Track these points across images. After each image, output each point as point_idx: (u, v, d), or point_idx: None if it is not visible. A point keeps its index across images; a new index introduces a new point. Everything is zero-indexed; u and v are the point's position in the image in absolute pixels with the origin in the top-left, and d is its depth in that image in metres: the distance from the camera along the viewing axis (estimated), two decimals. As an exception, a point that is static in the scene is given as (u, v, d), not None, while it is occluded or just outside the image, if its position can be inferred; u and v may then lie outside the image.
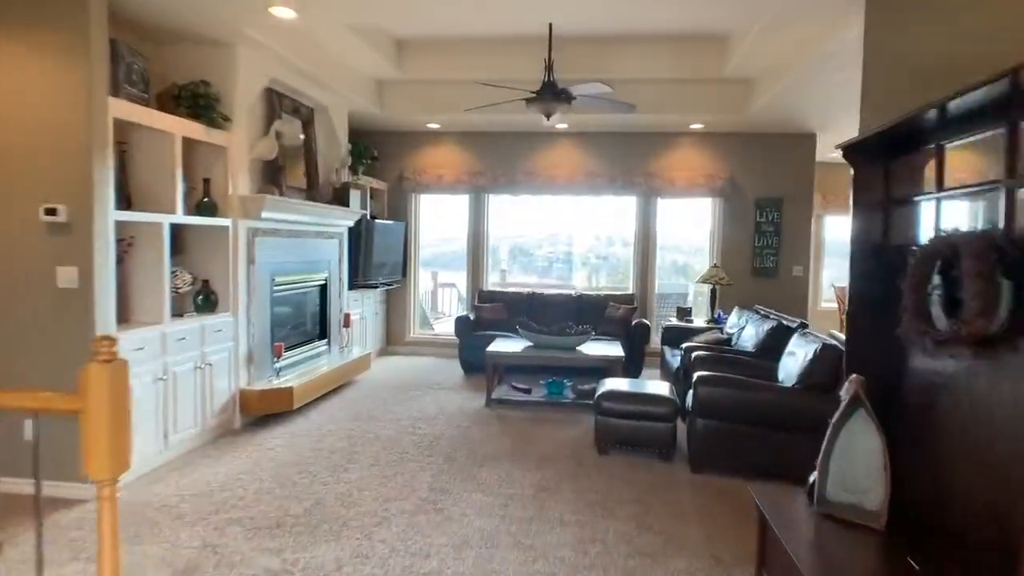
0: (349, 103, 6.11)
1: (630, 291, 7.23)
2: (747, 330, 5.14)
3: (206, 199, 4.27)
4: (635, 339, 6.24)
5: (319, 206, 5.40)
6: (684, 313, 6.57)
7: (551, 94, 4.82)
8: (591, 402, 4.27)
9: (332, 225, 5.88)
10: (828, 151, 7.64)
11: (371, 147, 7.14)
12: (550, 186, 7.15)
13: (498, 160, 7.26)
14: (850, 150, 2.32)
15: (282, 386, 4.62)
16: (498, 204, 7.83)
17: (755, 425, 3.58)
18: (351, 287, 6.49)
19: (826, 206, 8.77)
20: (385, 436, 4.37)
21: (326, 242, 5.84)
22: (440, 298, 11.81)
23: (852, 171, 2.34)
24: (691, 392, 3.76)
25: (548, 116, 4.97)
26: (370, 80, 6.20)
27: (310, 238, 5.53)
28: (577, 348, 5.32)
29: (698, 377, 3.68)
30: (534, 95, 4.84)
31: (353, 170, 6.42)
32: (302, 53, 4.87)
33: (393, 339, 7.62)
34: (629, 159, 7.07)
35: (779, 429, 3.54)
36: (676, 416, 3.93)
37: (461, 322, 6.55)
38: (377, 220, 7.11)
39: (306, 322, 5.68)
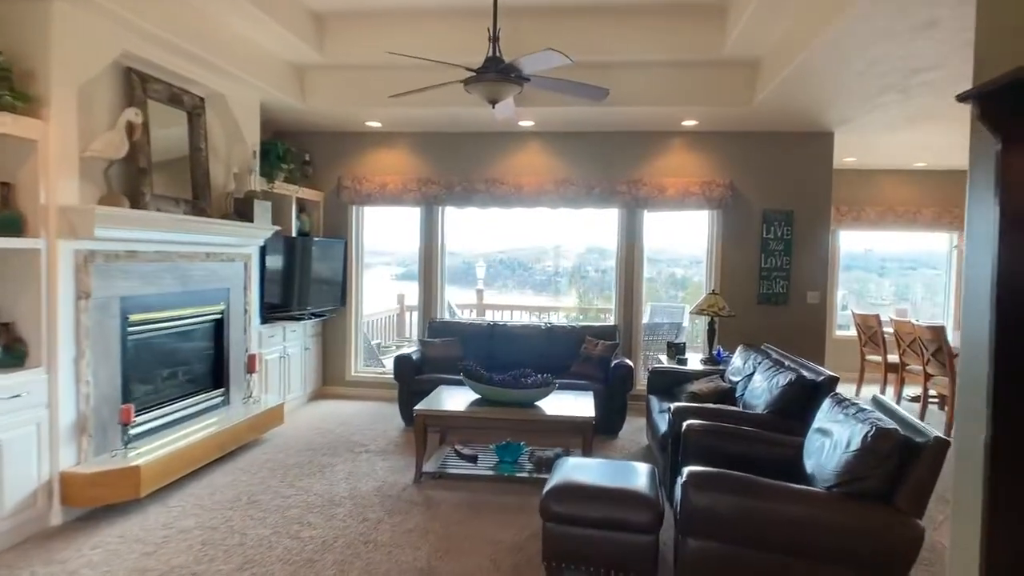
0: (259, 94, 4.95)
1: (611, 323, 6.02)
2: (756, 381, 3.93)
3: (4, 211, 3.08)
4: (615, 384, 5.02)
5: (202, 221, 4.20)
6: (676, 351, 5.36)
7: (496, 72, 3.66)
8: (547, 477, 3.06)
9: (232, 245, 4.68)
10: (845, 154, 6.49)
11: (299, 150, 6.01)
12: (516, 197, 5.97)
13: (453, 165, 6.09)
14: (994, 100, 1.13)
15: (125, 465, 3.39)
16: (463, 216, 6.68)
17: (773, 551, 2.35)
18: (266, 320, 5.28)
19: (840, 219, 7.63)
20: (254, 539, 3.13)
21: (223, 266, 4.64)
22: (408, 322, 10.62)
23: (999, 143, 1.15)
24: (679, 491, 2.53)
25: (494, 103, 3.81)
26: (285, 65, 5.04)
27: (196, 262, 4.34)
28: (536, 403, 4.10)
29: (689, 476, 2.45)
30: (474, 74, 3.68)
31: (267, 176, 5.24)
32: (172, 22, 3.70)
33: (331, 378, 6.40)
34: (610, 164, 5.90)
35: (809, 557, 2.32)
36: (659, 524, 2.70)
37: (402, 363, 5.31)
38: (309, 237, 5.94)
39: (190, 369, 4.45)
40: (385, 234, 6.42)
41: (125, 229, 3.56)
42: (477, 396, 4.23)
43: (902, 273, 9.61)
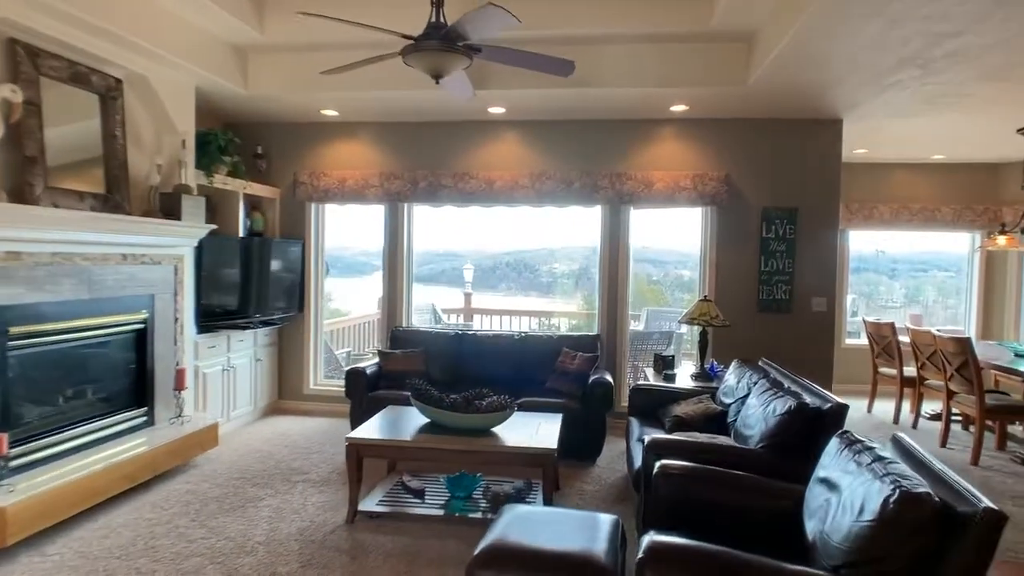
0: (192, 77, 4.40)
1: (594, 332, 5.42)
2: (751, 405, 3.32)
3: None
4: (593, 403, 4.42)
5: (112, 218, 3.65)
6: (664, 364, 4.75)
7: (439, 40, 3.10)
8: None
9: (156, 245, 4.13)
10: (855, 145, 5.88)
11: (252, 142, 5.49)
12: (487, 193, 5.39)
13: (418, 159, 5.52)
14: None
15: (-12, 507, 2.84)
16: (447, 214, 6.16)
17: (762, 651, 1.76)
18: (206, 329, 4.74)
19: (849, 218, 7.00)
20: (129, 605, 2.57)
21: (146, 270, 4.09)
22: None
23: None
24: (634, 572, 1.94)
25: (438, 77, 3.25)
26: (223, 46, 4.49)
27: (109, 265, 3.79)
28: (492, 429, 3.52)
29: (648, 553, 1.85)
30: (412, 42, 3.12)
31: (206, 170, 4.69)
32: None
33: (288, 392, 5.84)
34: (591, 156, 5.31)
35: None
36: (614, 599, 2.11)
37: (354, 377, 4.75)
38: (261, 238, 5.40)
39: (104, 386, 3.91)
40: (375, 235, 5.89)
41: (6, 227, 3.01)
42: (425, 421, 3.66)
43: (912, 275, 9.01)
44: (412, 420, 3.72)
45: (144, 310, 4.10)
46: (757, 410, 3.14)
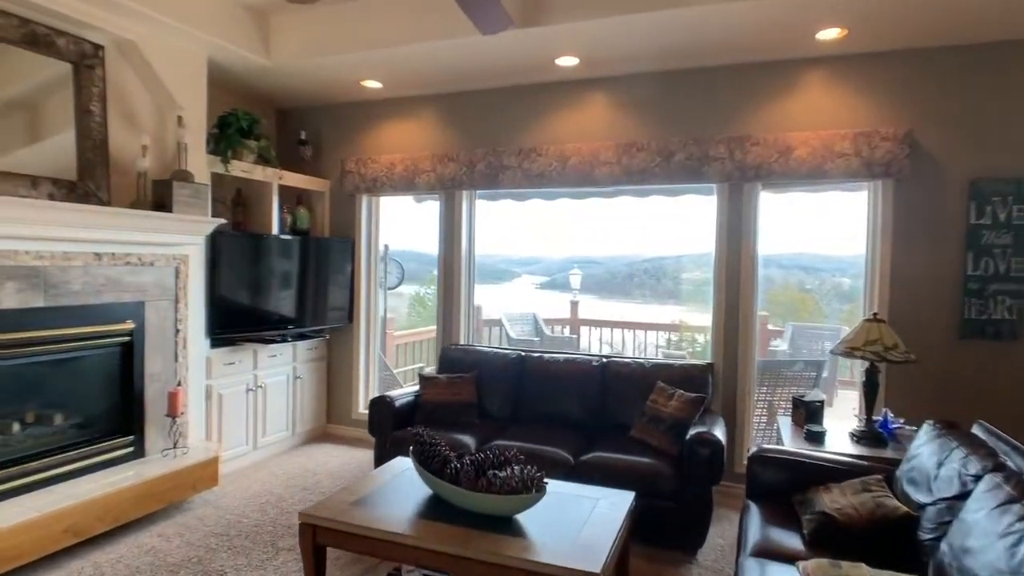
0: (201, 45, 3.71)
1: (707, 359, 3.97)
2: (976, 525, 1.78)
3: None
4: (693, 469, 3.02)
5: (54, 206, 2.98)
6: (808, 415, 3.20)
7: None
8: None
9: (148, 243, 3.46)
10: None
11: (296, 128, 4.79)
12: (558, 173, 4.15)
13: (476, 135, 4.45)
14: None
15: None
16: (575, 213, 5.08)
17: None
18: (223, 342, 4.04)
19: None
20: None
21: (132, 272, 3.42)
22: (485, 338, 9.10)
23: None
24: None
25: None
26: (234, 5, 3.76)
27: (75, 265, 3.14)
28: (515, 516, 2.31)
29: None
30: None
31: (221, 154, 3.99)
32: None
33: (336, 415, 5.05)
34: (698, 118, 3.88)
35: None
36: None
37: (379, 410, 3.76)
38: (299, 237, 4.65)
39: (78, 410, 3.28)
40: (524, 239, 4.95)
41: None
42: (427, 493, 2.55)
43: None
44: (421, 486, 2.63)
45: (129, 320, 3.43)
46: (996, 544, 1.62)
